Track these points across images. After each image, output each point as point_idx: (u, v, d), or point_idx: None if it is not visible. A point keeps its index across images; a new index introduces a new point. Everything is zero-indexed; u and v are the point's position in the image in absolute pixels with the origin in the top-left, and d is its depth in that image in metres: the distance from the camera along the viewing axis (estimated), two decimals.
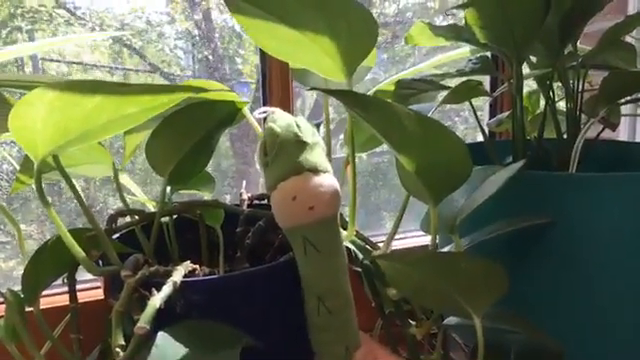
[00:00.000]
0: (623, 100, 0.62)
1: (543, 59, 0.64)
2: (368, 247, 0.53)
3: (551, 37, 0.58)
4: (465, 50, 0.71)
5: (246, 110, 0.51)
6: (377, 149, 0.67)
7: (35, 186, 0.37)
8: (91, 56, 1.10)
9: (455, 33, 0.63)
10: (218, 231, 0.55)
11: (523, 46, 0.56)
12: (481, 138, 0.67)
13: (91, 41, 1.08)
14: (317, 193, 0.42)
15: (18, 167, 0.48)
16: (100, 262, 0.47)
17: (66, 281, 0.45)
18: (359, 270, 0.52)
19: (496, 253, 0.47)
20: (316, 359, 0.46)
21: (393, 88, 0.65)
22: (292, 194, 0.42)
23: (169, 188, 0.52)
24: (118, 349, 0.37)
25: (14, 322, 0.41)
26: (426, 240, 0.87)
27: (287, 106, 0.78)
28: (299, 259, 0.44)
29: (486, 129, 0.77)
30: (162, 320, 0.38)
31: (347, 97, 0.40)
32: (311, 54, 0.46)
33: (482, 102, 0.97)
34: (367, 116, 0.40)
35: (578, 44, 0.63)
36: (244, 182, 0.60)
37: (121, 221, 0.50)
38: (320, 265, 0.44)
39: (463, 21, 0.58)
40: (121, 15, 1.04)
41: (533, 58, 0.67)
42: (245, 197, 0.58)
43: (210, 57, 1.11)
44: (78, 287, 0.47)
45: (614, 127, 0.67)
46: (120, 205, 0.52)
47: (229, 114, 0.50)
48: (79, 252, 0.40)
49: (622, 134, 0.95)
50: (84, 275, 0.58)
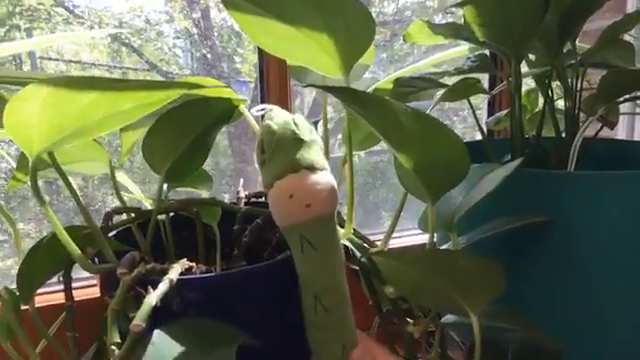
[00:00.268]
0: (622, 98, 0.62)
1: (542, 57, 0.64)
2: (366, 245, 0.53)
3: (550, 35, 0.58)
4: (464, 48, 0.71)
5: (243, 108, 0.51)
6: (376, 148, 0.67)
7: (30, 183, 0.37)
8: (90, 55, 1.10)
9: (454, 31, 0.63)
10: (215, 229, 0.55)
11: (522, 44, 0.56)
12: (480, 137, 0.67)
13: (90, 40, 1.07)
14: (314, 191, 0.42)
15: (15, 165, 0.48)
16: (96, 260, 0.46)
17: (62, 279, 0.45)
18: (356, 268, 0.52)
19: (494, 251, 0.47)
20: (313, 358, 0.46)
21: (392, 86, 0.64)
22: (289, 192, 0.42)
23: (166, 186, 0.51)
24: (113, 347, 0.37)
25: (9, 320, 0.41)
26: (425, 238, 0.86)
27: (285, 104, 0.78)
28: (296, 257, 0.44)
29: (484, 127, 0.77)
30: (159, 318, 0.38)
31: (344, 94, 0.40)
32: (308, 51, 0.46)
33: (480, 100, 0.97)
34: (365, 113, 0.40)
35: (577, 42, 0.63)
36: (241, 180, 0.60)
37: (118, 219, 0.50)
38: (317, 263, 0.44)
39: (462, 19, 0.58)
40: (120, 14, 1.03)
41: (532, 56, 0.67)
42: (242, 195, 0.58)
43: (209, 56, 1.11)
44: (74, 285, 0.47)
45: (612, 126, 0.67)
46: (118, 203, 0.51)
47: (226, 111, 0.50)
48: (75, 250, 0.40)
49: (620, 133, 0.95)
50: (80, 273, 0.58)
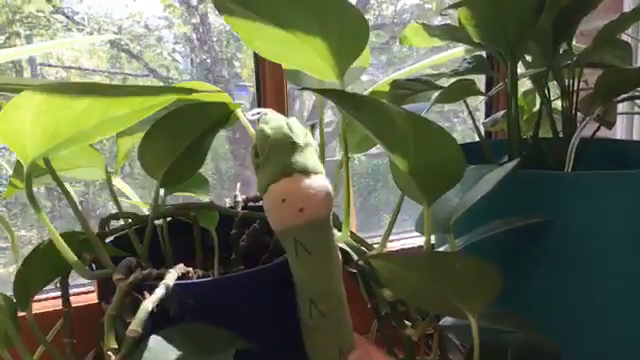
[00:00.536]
0: (619, 98, 0.62)
1: (538, 58, 0.64)
2: (363, 248, 0.53)
3: (545, 36, 0.58)
4: (461, 50, 0.71)
5: (239, 112, 0.51)
6: (376, 150, 0.67)
7: (25, 190, 0.37)
8: (90, 61, 1.10)
9: (449, 33, 0.63)
10: (213, 233, 0.55)
11: (517, 45, 0.56)
12: (477, 139, 0.67)
13: (89, 46, 1.08)
14: (307, 195, 0.42)
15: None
16: (94, 266, 0.47)
17: (59, 285, 0.45)
18: (354, 271, 0.52)
19: (492, 253, 0.46)
20: None
21: (388, 89, 0.64)
22: (282, 196, 0.41)
23: (163, 191, 0.51)
24: (110, 353, 0.37)
25: (6, 327, 0.41)
26: (420, 241, 0.86)
27: (282, 108, 0.78)
28: (291, 261, 0.44)
29: (482, 129, 0.77)
30: (156, 324, 0.38)
31: (338, 96, 0.40)
32: (303, 55, 0.46)
33: (479, 102, 0.97)
34: (359, 116, 0.40)
35: (574, 43, 0.63)
36: (238, 184, 0.60)
37: (115, 224, 0.50)
38: (312, 267, 0.44)
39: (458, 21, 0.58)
40: (119, 20, 1.04)
41: (528, 57, 0.67)
42: (240, 199, 0.58)
43: (208, 61, 1.11)
44: (73, 291, 0.47)
45: (610, 125, 0.67)
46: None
47: (222, 116, 0.50)
48: (71, 256, 0.40)
49: (619, 133, 0.95)
50: (78, 279, 0.58)
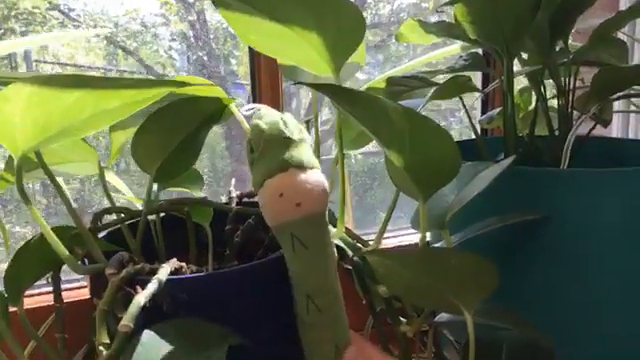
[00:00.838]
0: (615, 96, 0.62)
1: (534, 56, 0.64)
2: (358, 244, 0.53)
3: (542, 33, 0.58)
4: (453, 48, 0.71)
5: (234, 107, 0.51)
6: (373, 148, 0.67)
7: (16, 183, 0.37)
8: (86, 58, 1.10)
9: (445, 30, 0.63)
10: (207, 229, 0.55)
11: (513, 42, 0.55)
12: (473, 136, 0.67)
13: (85, 43, 1.07)
14: (304, 189, 0.42)
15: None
16: (86, 261, 0.46)
17: (50, 280, 0.44)
18: (349, 268, 0.52)
19: (487, 249, 0.46)
20: (306, 358, 0.46)
21: (384, 85, 0.64)
22: (279, 191, 0.41)
23: (156, 186, 0.51)
24: (102, 348, 0.36)
25: None
26: (416, 237, 0.86)
27: (277, 105, 0.77)
28: (287, 257, 0.44)
29: (477, 126, 0.76)
30: (149, 319, 0.37)
31: (333, 91, 0.40)
32: (299, 50, 0.46)
33: (475, 100, 0.97)
34: (354, 111, 0.40)
35: (569, 41, 0.63)
36: (233, 180, 0.60)
37: (108, 219, 0.50)
38: (308, 262, 0.43)
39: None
40: (115, 17, 1.04)
41: (524, 55, 0.67)
42: (234, 195, 0.57)
43: (205, 58, 1.11)
44: (65, 287, 0.46)
45: (606, 124, 0.67)
46: (117, 204, 0.51)
47: (216, 111, 0.50)
48: (63, 251, 0.39)
49: (614, 131, 0.95)
50: (71, 274, 0.58)
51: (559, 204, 0.51)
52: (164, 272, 0.40)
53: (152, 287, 0.38)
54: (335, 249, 0.46)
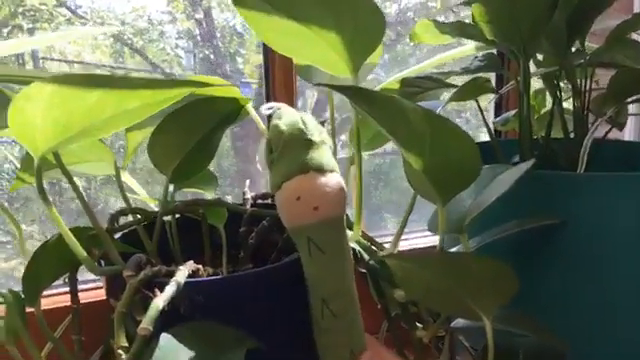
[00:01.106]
0: (631, 99, 0.61)
1: (550, 57, 0.64)
2: (374, 248, 0.52)
3: (558, 34, 0.57)
4: (466, 48, 0.70)
5: (250, 107, 0.50)
6: (379, 150, 0.66)
7: (36, 183, 0.36)
8: (92, 55, 1.09)
9: (460, 30, 0.62)
10: (221, 231, 0.54)
11: (530, 42, 0.55)
12: (482, 139, 0.66)
13: (92, 40, 1.07)
14: (322, 193, 0.41)
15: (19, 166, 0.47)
16: (102, 262, 0.46)
17: (67, 281, 0.44)
18: (364, 271, 0.51)
19: (505, 254, 0.46)
20: None
21: (397, 86, 0.64)
22: (296, 194, 0.41)
23: (172, 186, 0.51)
24: (120, 351, 0.36)
25: (15, 323, 0.40)
26: (428, 241, 0.86)
27: (290, 104, 0.77)
28: (304, 260, 0.43)
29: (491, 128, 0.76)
30: (164, 321, 0.37)
31: (353, 92, 0.39)
32: (317, 49, 0.46)
33: (487, 102, 0.96)
34: (373, 112, 0.39)
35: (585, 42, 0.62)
36: (247, 181, 0.59)
37: (123, 220, 0.50)
38: (325, 266, 0.43)
39: (467, 19, 0.57)
40: (122, 14, 1.03)
41: (539, 56, 0.67)
42: (249, 196, 0.57)
43: (211, 56, 1.10)
44: (80, 287, 0.46)
45: (621, 127, 0.66)
46: (121, 205, 0.51)
47: (232, 111, 0.49)
48: (81, 252, 0.39)
49: (627, 134, 0.94)
50: (86, 275, 0.57)
51: (576, 208, 0.51)
52: (182, 275, 0.40)
53: (170, 290, 0.38)
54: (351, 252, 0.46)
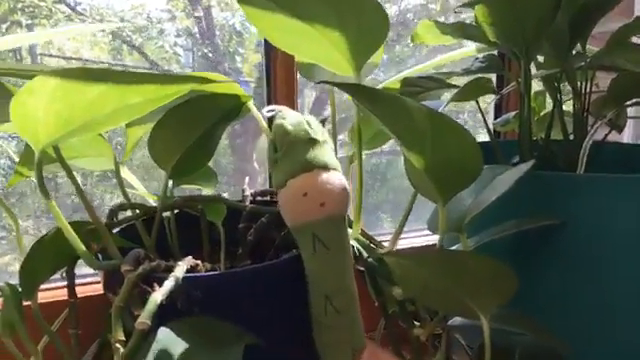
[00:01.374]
0: (630, 102, 0.62)
1: (551, 59, 0.64)
2: (373, 246, 0.52)
3: (560, 36, 0.58)
4: (467, 50, 0.70)
5: (251, 104, 0.50)
6: (375, 150, 0.66)
7: (36, 177, 0.36)
8: (91, 52, 1.09)
9: (462, 31, 0.63)
10: (219, 227, 0.54)
11: (533, 44, 0.55)
12: (479, 140, 0.66)
13: (91, 37, 1.06)
14: (328, 190, 0.42)
15: (17, 160, 0.47)
16: (100, 256, 0.46)
17: (65, 275, 0.44)
18: (362, 269, 0.51)
19: (503, 253, 0.46)
20: None
21: (398, 86, 0.64)
22: (303, 190, 0.42)
23: (171, 182, 0.50)
24: (118, 345, 0.36)
25: (11, 316, 0.40)
26: (426, 239, 0.86)
27: (291, 102, 0.77)
28: (307, 257, 0.43)
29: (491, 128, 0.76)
30: (164, 316, 0.37)
31: (356, 90, 0.39)
32: (320, 47, 0.46)
33: (486, 104, 0.97)
34: (376, 110, 0.39)
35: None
36: (247, 178, 0.59)
37: (122, 215, 0.49)
38: (328, 263, 0.43)
39: (468, 20, 0.58)
40: (121, 11, 1.03)
41: (540, 58, 0.67)
42: (248, 193, 0.57)
43: (210, 55, 1.10)
44: (77, 281, 0.46)
45: (621, 129, 0.66)
46: (117, 201, 0.51)
47: (234, 108, 0.49)
48: (80, 246, 0.39)
49: (625, 136, 0.95)
50: (82, 269, 0.57)
51: (575, 209, 0.51)
52: (181, 270, 0.39)
53: (169, 285, 0.38)
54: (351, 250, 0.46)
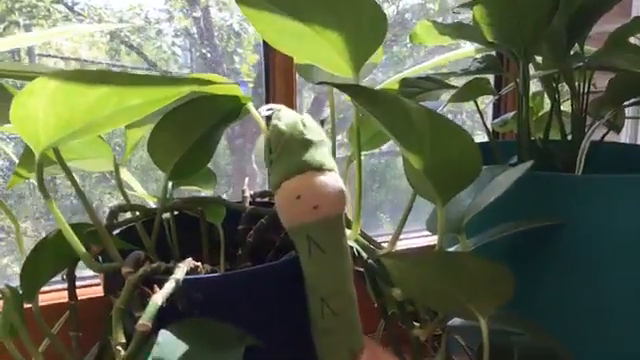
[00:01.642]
0: (628, 103, 0.62)
1: (549, 60, 0.64)
2: (372, 247, 0.53)
3: (558, 37, 0.58)
4: (465, 51, 0.71)
5: (250, 106, 0.50)
6: (374, 150, 0.66)
7: (36, 179, 0.36)
8: (89, 52, 1.09)
9: (460, 31, 0.63)
10: (219, 228, 0.54)
11: (531, 44, 0.55)
12: (478, 140, 0.66)
13: (89, 37, 1.06)
14: (322, 192, 0.41)
15: (17, 162, 0.47)
16: (100, 258, 0.46)
17: (65, 277, 0.44)
18: (361, 270, 0.51)
19: (502, 254, 0.46)
20: None
21: (397, 87, 0.64)
22: (296, 193, 0.41)
23: (170, 184, 0.50)
24: (119, 347, 0.36)
25: (12, 319, 0.40)
26: (425, 240, 0.86)
27: (290, 102, 0.77)
28: (303, 259, 0.43)
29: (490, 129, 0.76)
30: (162, 318, 0.37)
31: (355, 91, 0.39)
32: (319, 48, 0.46)
33: (485, 105, 0.97)
34: (375, 111, 0.39)
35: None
36: (246, 179, 0.59)
37: (121, 217, 0.49)
38: (324, 265, 0.43)
39: (467, 21, 0.58)
40: (119, 11, 1.03)
41: (538, 59, 0.67)
42: (247, 194, 0.57)
43: (208, 55, 1.10)
44: (76, 284, 0.46)
45: (618, 129, 0.67)
46: (116, 202, 0.51)
47: (233, 109, 0.49)
48: (80, 248, 0.39)
49: (623, 136, 0.95)
50: (82, 272, 0.57)
51: (574, 209, 0.51)
52: (181, 272, 0.39)
53: (169, 287, 0.38)
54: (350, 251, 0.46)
